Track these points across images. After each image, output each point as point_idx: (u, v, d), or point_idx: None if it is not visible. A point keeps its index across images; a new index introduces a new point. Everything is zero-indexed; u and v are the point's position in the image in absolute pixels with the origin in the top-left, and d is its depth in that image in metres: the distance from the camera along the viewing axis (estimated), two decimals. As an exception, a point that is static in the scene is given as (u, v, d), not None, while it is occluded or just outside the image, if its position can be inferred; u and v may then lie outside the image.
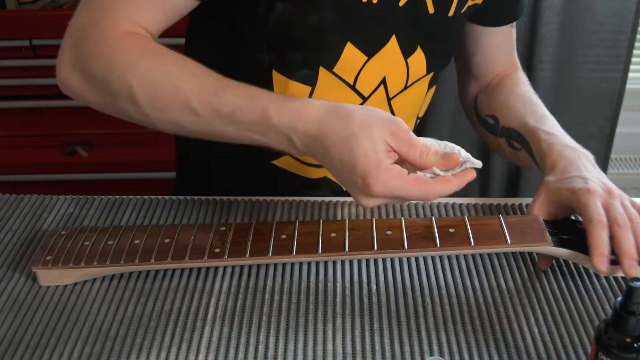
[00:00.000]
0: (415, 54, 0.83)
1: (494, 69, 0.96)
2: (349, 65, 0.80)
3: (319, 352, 0.62)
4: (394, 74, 0.83)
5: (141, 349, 0.62)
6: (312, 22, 0.76)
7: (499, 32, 0.93)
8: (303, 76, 0.80)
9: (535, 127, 0.83)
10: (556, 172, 0.75)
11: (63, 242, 0.72)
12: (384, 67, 0.82)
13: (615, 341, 0.51)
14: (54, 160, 1.71)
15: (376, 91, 0.83)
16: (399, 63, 0.83)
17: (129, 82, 0.67)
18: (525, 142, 0.84)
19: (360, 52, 0.80)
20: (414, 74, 0.85)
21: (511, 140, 0.87)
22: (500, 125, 0.89)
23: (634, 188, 1.96)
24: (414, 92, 0.88)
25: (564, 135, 0.82)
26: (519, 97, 0.90)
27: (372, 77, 0.82)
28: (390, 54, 0.81)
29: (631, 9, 1.62)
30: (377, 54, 0.81)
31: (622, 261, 0.66)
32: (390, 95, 0.85)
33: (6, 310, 0.67)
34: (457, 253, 0.73)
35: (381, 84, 0.83)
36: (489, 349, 0.63)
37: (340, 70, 0.80)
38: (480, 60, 0.95)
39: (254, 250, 0.69)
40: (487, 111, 0.93)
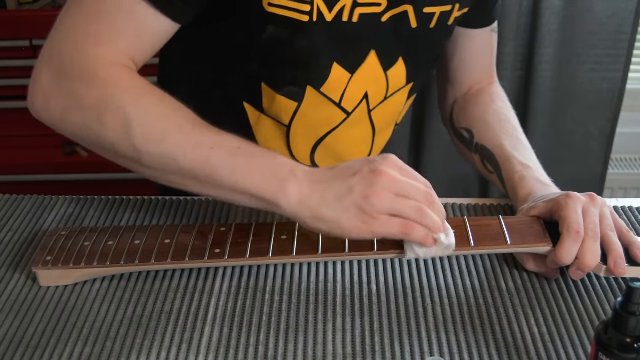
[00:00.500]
0: (395, 65, 0.84)
1: (472, 76, 0.95)
2: (335, 84, 0.81)
3: (319, 352, 0.62)
4: (374, 87, 0.84)
5: (141, 349, 0.62)
6: (301, 45, 0.76)
7: (478, 35, 0.92)
8: (290, 92, 0.81)
9: (510, 154, 0.83)
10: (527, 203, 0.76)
11: (63, 242, 0.72)
12: (365, 81, 0.83)
13: (615, 341, 0.51)
14: (54, 160, 1.71)
15: (359, 106, 0.84)
16: (379, 76, 0.83)
17: (127, 113, 0.65)
18: (498, 167, 0.84)
19: (344, 70, 0.80)
20: (393, 85, 0.85)
21: (484, 159, 0.87)
22: (474, 140, 0.89)
23: (634, 188, 1.95)
24: (393, 102, 0.88)
25: (537, 168, 0.82)
26: (495, 114, 0.90)
27: (356, 93, 0.83)
28: (370, 69, 0.82)
29: (631, 9, 1.62)
30: (358, 70, 0.81)
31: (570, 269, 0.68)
32: (371, 107, 0.86)
33: (6, 310, 0.67)
34: (457, 253, 0.73)
35: (363, 99, 0.84)
36: (489, 349, 0.63)
37: (328, 90, 0.81)
38: (459, 65, 0.95)
39: (253, 250, 0.69)
40: (462, 123, 0.93)
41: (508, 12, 1.60)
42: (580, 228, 0.68)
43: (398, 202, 0.64)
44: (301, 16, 0.73)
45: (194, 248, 0.70)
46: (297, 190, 0.64)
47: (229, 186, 0.66)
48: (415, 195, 0.65)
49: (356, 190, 0.63)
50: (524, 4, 1.60)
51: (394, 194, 0.64)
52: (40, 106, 0.69)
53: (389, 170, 0.64)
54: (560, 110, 1.73)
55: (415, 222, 0.64)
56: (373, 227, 0.64)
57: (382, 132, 0.91)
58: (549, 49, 1.63)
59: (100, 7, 0.68)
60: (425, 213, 0.64)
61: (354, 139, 0.88)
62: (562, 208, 0.69)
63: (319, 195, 0.64)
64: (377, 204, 0.63)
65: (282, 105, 0.82)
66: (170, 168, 0.67)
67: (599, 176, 1.82)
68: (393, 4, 0.78)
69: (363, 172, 0.64)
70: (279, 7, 0.73)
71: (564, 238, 0.68)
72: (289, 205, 0.65)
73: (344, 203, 0.64)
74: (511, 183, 0.80)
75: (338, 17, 0.75)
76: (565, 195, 0.71)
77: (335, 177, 0.65)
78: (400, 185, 0.64)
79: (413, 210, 0.64)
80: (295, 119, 0.83)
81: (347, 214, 0.64)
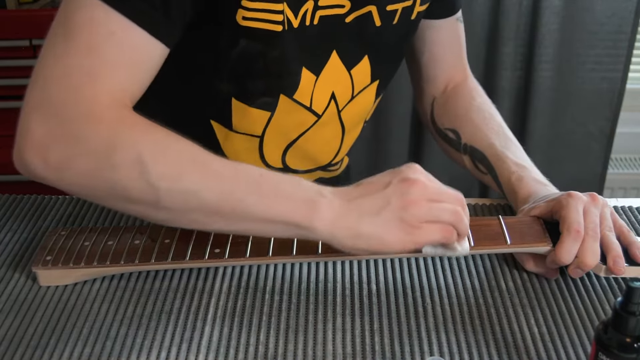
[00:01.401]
0: (359, 64, 0.84)
1: (445, 70, 0.95)
2: (305, 89, 0.80)
3: (319, 352, 0.62)
4: (340, 87, 0.84)
5: (141, 349, 0.62)
6: (274, 55, 0.76)
7: (443, 26, 0.92)
8: (263, 103, 0.80)
9: (502, 154, 0.83)
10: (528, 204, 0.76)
11: (63, 242, 0.72)
12: (331, 82, 0.82)
13: (615, 341, 0.51)
14: (54, 160, 1.70)
15: (328, 107, 0.84)
16: (343, 75, 0.83)
17: (140, 151, 0.60)
18: (492, 168, 0.84)
19: (311, 73, 0.80)
20: (358, 84, 0.85)
21: (476, 160, 0.87)
22: (462, 141, 0.89)
23: (634, 188, 1.95)
24: (361, 102, 0.88)
25: (532, 167, 0.82)
26: (479, 111, 0.90)
27: (323, 95, 0.83)
28: (334, 69, 0.82)
29: (631, 9, 1.62)
30: (323, 71, 0.81)
31: (569, 267, 0.68)
32: (340, 108, 0.85)
33: (6, 310, 0.67)
34: (457, 253, 0.73)
35: (331, 99, 0.84)
36: (489, 349, 0.63)
37: (299, 96, 0.81)
38: (429, 59, 0.94)
39: (254, 250, 0.69)
40: (447, 124, 0.92)
41: (508, 12, 1.60)
42: (580, 228, 0.68)
43: (436, 208, 0.62)
44: (275, 26, 0.73)
45: (194, 248, 0.70)
46: (330, 211, 0.62)
47: (258, 216, 0.62)
48: (449, 199, 0.64)
49: (393, 201, 0.62)
50: (524, 4, 1.60)
51: (430, 200, 0.62)
52: (36, 160, 0.62)
53: (419, 176, 0.63)
54: (560, 110, 1.73)
55: (452, 225, 0.64)
56: (416, 237, 0.62)
57: (351, 131, 0.91)
58: (549, 49, 1.63)
59: (90, 44, 0.62)
60: (461, 216, 0.64)
61: (324, 138, 0.88)
62: (563, 207, 0.70)
63: (355, 212, 0.62)
64: (417, 212, 0.61)
65: (255, 117, 0.80)
66: (191, 205, 0.62)
67: (599, 176, 1.82)
68: (357, 6, 0.77)
69: (395, 183, 0.63)
70: (253, 20, 0.72)
71: (565, 237, 0.68)
72: (324, 227, 0.62)
73: (383, 216, 0.61)
74: (509, 184, 0.80)
75: (303, 22, 0.75)
76: (567, 194, 0.71)
77: (367, 193, 0.63)
78: (434, 190, 0.63)
79: (451, 214, 0.63)
80: (269, 128, 0.82)
81: (388, 227, 0.61)
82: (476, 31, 1.64)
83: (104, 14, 0.62)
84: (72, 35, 0.63)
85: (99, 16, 0.62)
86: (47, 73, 0.63)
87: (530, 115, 1.70)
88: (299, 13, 0.74)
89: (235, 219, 0.63)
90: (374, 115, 1.83)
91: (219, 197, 0.61)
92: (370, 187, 0.64)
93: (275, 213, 0.62)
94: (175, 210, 0.62)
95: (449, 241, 0.64)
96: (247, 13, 0.71)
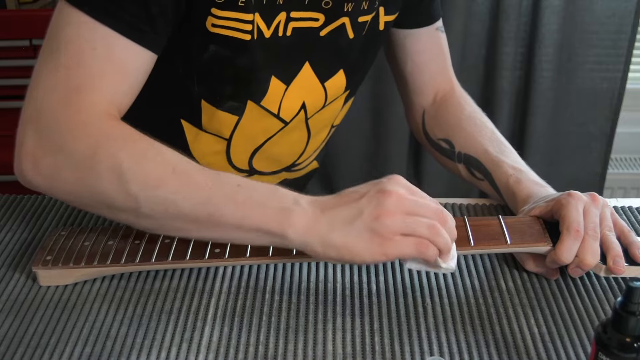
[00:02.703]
0: (334, 77, 0.85)
1: (430, 80, 0.95)
2: (274, 97, 0.81)
3: (319, 352, 0.62)
4: (312, 97, 0.85)
5: (141, 349, 0.62)
6: (243, 63, 0.76)
7: (423, 35, 0.92)
8: (231, 107, 0.81)
9: (498, 158, 0.83)
10: (528, 205, 0.76)
11: (63, 242, 0.72)
12: (302, 92, 0.83)
13: (615, 341, 0.51)
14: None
15: (297, 115, 0.85)
16: (316, 87, 0.84)
17: (120, 160, 0.63)
18: (488, 173, 0.84)
19: (281, 82, 0.81)
20: (332, 95, 0.86)
21: (471, 168, 0.87)
22: (456, 150, 0.89)
23: (634, 188, 1.95)
24: (330, 109, 0.89)
25: (529, 170, 0.82)
26: (470, 119, 0.90)
27: (293, 104, 0.84)
28: (306, 80, 0.83)
29: (631, 9, 1.62)
30: (294, 81, 0.82)
31: (569, 266, 0.68)
32: (308, 116, 0.86)
33: (6, 310, 0.67)
34: (457, 253, 0.73)
35: (301, 109, 0.85)
36: (489, 349, 0.63)
37: (267, 103, 0.81)
38: (413, 70, 0.95)
39: (254, 250, 0.69)
40: (439, 135, 0.93)
41: (508, 12, 1.60)
42: (580, 227, 0.68)
43: (411, 221, 0.61)
44: (244, 35, 0.74)
45: (194, 248, 0.70)
46: (304, 220, 0.62)
47: (233, 224, 0.63)
48: (427, 212, 0.62)
49: (366, 212, 0.61)
50: (524, 4, 1.60)
51: (405, 213, 0.61)
52: (30, 169, 0.66)
53: (398, 189, 0.62)
54: (560, 110, 1.73)
55: (429, 240, 0.62)
56: (386, 249, 0.61)
57: (317, 135, 0.92)
58: (549, 49, 1.63)
59: (77, 58, 0.65)
60: (438, 231, 0.62)
61: (290, 142, 0.89)
62: (563, 207, 0.70)
63: (327, 221, 0.62)
64: (390, 223, 0.61)
65: (223, 120, 0.82)
66: (170, 214, 0.64)
67: (599, 176, 1.82)
68: (331, 19, 0.78)
69: (370, 194, 0.62)
70: (222, 27, 0.73)
71: (564, 237, 0.68)
72: (296, 236, 0.62)
73: (355, 227, 0.61)
74: (507, 187, 0.80)
75: (275, 32, 0.76)
76: (567, 194, 0.71)
77: (342, 202, 0.63)
78: (411, 203, 0.62)
79: (426, 228, 0.62)
80: (236, 132, 0.84)
81: (359, 238, 0.61)
82: (476, 31, 1.64)
83: (90, 27, 0.65)
84: (60, 50, 0.66)
85: (85, 30, 0.65)
86: (40, 87, 0.66)
87: (530, 115, 1.70)
88: (271, 24, 0.75)
89: (212, 227, 0.64)
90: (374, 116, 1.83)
91: (195, 206, 0.63)
92: (346, 198, 0.63)
93: (250, 221, 0.63)
94: (156, 218, 0.64)
95: (424, 256, 0.62)
96: (216, 21, 0.72)
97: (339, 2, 0.77)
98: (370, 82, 1.66)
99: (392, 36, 0.94)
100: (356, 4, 0.78)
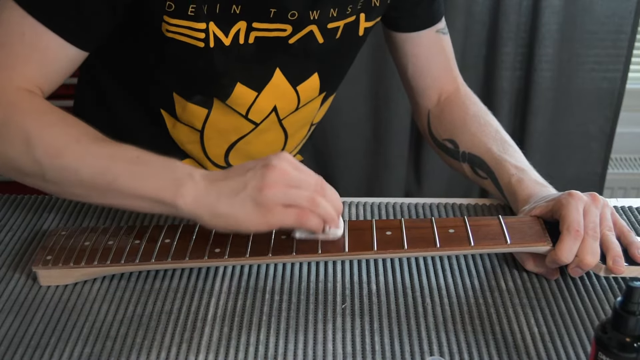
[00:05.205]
0: (308, 80, 0.86)
1: (433, 82, 0.95)
2: (240, 100, 0.83)
3: (319, 352, 0.62)
4: (283, 102, 0.86)
5: (141, 349, 0.62)
6: (201, 67, 0.79)
7: (422, 38, 0.92)
8: (200, 101, 0.83)
9: (501, 157, 0.83)
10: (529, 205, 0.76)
11: (63, 242, 0.72)
12: (274, 97, 0.85)
13: (615, 341, 0.51)
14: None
15: (268, 117, 0.87)
16: (288, 92, 0.85)
17: (28, 130, 0.68)
18: (491, 172, 0.84)
19: (250, 89, 0.83)
20: (305, 98, 0.87)
21: (475, 167, 0.87)
22: (460, 150, 0.89)
23: (634, 188, 1.95)
24: (306, 110, 0.90)
25: (531, 170, 0.82)
26: (474, 119, 0.90)
27: (263, 108, 0.85)
28: (277, 86, 0.84)
29: (631, 9, 1.62)
30: (265, 88, 0.83)
31: (569, 266, 0.68)
32: (281, 117, 0.88)
33: (6, 310, 0.67)
34: (457, 253, 0.73)
35: (272, 112, 0.86)
36: (489, 349, 0.63)
37: (233, 104, 0.83)
38: (414, 73, 0.95)
39: (254, 250, 0.69)
40: (444, 135, 0.93)
41: (508, 12, 1.60)
42: (580, 227, 0.68)
43: (291, 193, 0.65)
44: (197, 42, 0.76)
45: (194, 248, 0.70)
46: (193, 191, 0.66)
47: (129, 193, 0.67)
48: (307, 186, 0.66)
49: (250, 185, 0.65)
50: (524, 4, 1.60)
51: (286, 186, 0.65)
52: None
53: (282, 164, 0.66)
54: (560, 110, 1.73)
55: (310, 211, 0.66)
56: (269, 219, 0.65)
57: (295, 134, 0.93)
58: (549, 49, 1.63)
59: (5, 39, 0.71)
60: (317, 202, 0.66)
61: (266, 142, 0.90)
62: (563, 207, 0.70)
63: (215, 193, 0.65)
64: (271, 195, 0.64)
65: (194, 112, 0.84)
66: (72, 181, 0.68)
67: (599, 176, 1.82)
68: (298, 28, 0.79)
69: (256, 169, 0.66)
70: (177, 33, 0.75)
71: (564, 237, 0.68)
72: (185, 206, 0.66)
73: (240, 198, 0.65)
74: (509, 186, 0.81)
75: (235, 40, 0.77)
76: (567, 194, 0.71)
77: (231, 176, 0.67)
78: (292, 177, 0.66)
79: (306, 199, 0.65)
80: (207, 125, 0.86)
81: (243, 208, 0.65)
82: (476, 31, 1.64)
83: (20, 16, 0.70)
84: None
85: (15, 18, 0.71)
86: None
87: (530, 115, 1.70)
88: (229, 32, 0.77)
89: (110, 194, 0.68)
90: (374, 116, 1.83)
91: (95, 175, 0.68)
92: (235, 171, 0.67)
93: (144, 191, 0.67)
94: (59, 184, 0.70)
95: (305, 225, 0.66)
96: (169, 27, 0.75)
97: (304, 12, 0.78)
98: (370, 82, 1.66)
99: (393, 39, 0.94)
100: (322, 12, 0.79)
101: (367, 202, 0.85)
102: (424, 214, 0.83)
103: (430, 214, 0.83)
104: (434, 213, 0.83)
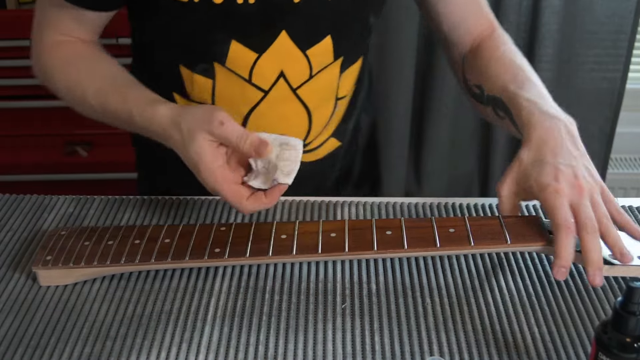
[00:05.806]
0: (319, 44, 0.84)
1: (465, 32, 0.94)
2: (239, 61, 0.83)
3: (319, 352, 0.62)
4: (292, 67, 0.84)
5: (141, 349, 0.62)
6: (190, 22, 0.80)
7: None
8: (203, 70, 0.84)
9: (515, 93, 0.81)
10: (530, 148, 0.74)
11: (63, 242, 0.72)
12: (279, 61, 0.83)
13: (615, 341, 0.51)
14: (54, 160, 1.71)
15: (276, 84, 0.85)
16: (296, 56, 0.84)
17: (56, 84, 0.85)
18: (507, 109, 0.82)
19: (248, 49, 0.82)
20: (318, 64, 0.86)
21: (496, 108, 0.85)
22: (485, 93, 0.88)
23: (634, 188, 1.95)
24: (323, 79, 0.88)
25: (545, 102, 0.80)
26: (500, 61, 0.88)
27: (268, 72, 0.84)
28: (283, 49, 0.83)
29: (631, 9, 1.62)
30: (268, 50, 0.82)
31: (587, 270, 0.66)
32: (294, 87, 0.86)
33: (6, 310, 0.67)
34: (457, 253, 0.73)
35: (280, 77, 0.85)
36: (489, 349, 0.63)
37: (233, 66, 0.83)
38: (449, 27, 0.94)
39: (254, 250, 0.69)
40: (474, 80, 0.91)
41: (508, 12, 1.60)
42: (567, 222, 0.67)
43: None
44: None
45: (194, 248, 0.70)
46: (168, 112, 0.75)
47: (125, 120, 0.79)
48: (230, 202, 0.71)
49: None
50: (524, 4, 1.60)
51: None
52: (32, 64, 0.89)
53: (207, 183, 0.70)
54: (560, 110, 1.73)
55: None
56: None
57: (318, 110, 0.91)
58: (549, 49, 1.63)
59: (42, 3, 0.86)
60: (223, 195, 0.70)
61: (285, 116, 0.89)
62: (548, 207, 0.68)
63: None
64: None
65: (200, 85, 0.85)
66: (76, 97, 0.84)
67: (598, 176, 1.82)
68: None
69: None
70: None
71: (555, 237, 0.67)
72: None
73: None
74: (521, 121, 0.78)
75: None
76: (554, 190, 0.69)
77: None
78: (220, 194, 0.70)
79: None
80: (216, 98, 0.86)
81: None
82: (476, 31, 1.64)
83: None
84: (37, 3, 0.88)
85: None
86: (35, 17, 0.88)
87: (531, 115, 1.69)
88: None
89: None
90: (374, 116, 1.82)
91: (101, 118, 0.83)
92: None
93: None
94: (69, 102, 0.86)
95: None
96: None
97: None
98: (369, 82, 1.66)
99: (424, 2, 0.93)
100: None
101: (367, 202, 0.85)
102: (424, 214, 0.83)
103: (430, 213, 0.83)
104: (434, 213, 0.83)
